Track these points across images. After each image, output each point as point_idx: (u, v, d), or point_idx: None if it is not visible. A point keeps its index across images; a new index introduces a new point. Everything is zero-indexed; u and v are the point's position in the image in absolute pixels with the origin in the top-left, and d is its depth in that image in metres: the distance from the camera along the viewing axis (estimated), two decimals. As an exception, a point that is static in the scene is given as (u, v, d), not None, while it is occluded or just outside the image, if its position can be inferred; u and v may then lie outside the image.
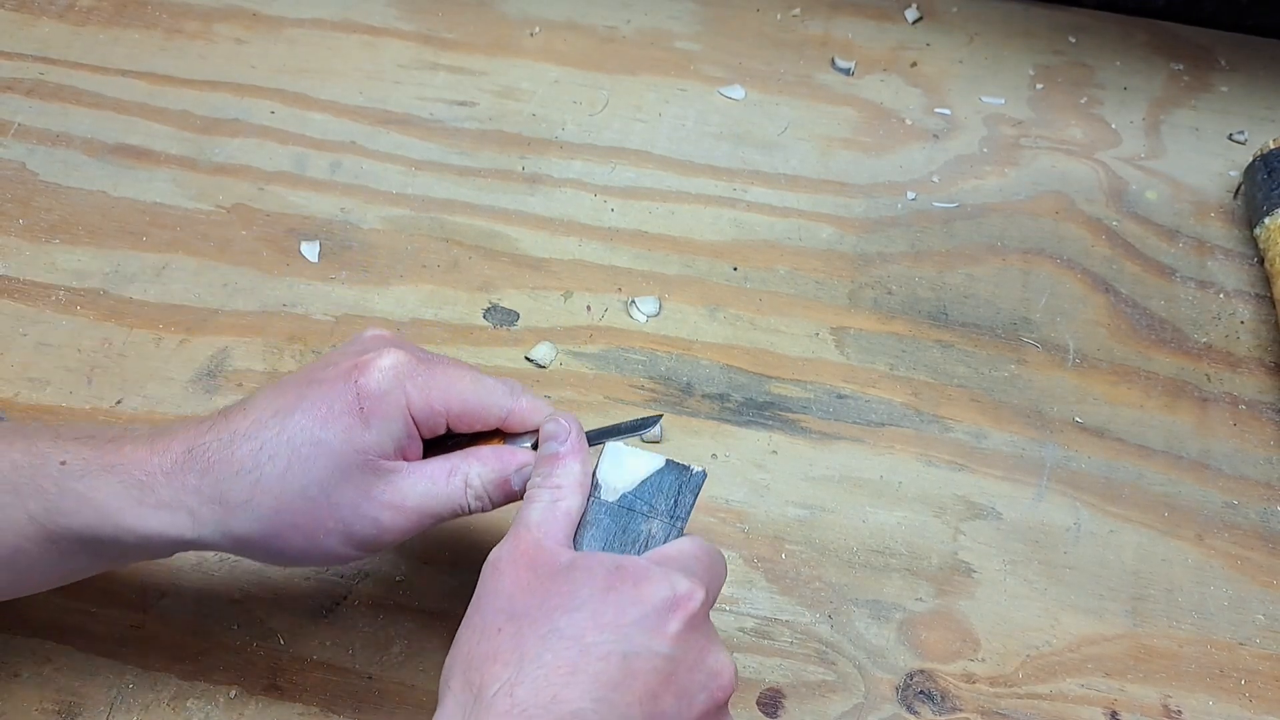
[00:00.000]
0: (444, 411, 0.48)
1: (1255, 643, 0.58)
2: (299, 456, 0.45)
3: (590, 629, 0.41)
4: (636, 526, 0.47)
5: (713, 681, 0.43)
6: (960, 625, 0.58)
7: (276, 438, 0.45)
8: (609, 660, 0.41)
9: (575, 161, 0.75)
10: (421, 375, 0.47)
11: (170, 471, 0.45)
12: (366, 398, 0.46)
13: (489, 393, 0.49)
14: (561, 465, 0.47)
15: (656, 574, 0.43)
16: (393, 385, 0.46)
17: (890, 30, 0.84)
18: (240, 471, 0.45)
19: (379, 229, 0.71)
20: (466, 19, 0.83)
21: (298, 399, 0.46)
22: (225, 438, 0.46)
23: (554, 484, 0.47)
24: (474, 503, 0.48)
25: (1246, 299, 0.71)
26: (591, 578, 0.43)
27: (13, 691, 0.54)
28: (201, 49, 0.80)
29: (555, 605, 0.42)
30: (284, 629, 0.56)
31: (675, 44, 0.82)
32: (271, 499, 0.45)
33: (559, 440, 0.48)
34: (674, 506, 0.47)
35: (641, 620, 0.42)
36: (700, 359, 0.67)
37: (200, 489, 0.45)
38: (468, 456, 0.48)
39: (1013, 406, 0.65)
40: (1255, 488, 0.63)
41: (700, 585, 0.44)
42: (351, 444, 0.45)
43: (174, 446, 0.46)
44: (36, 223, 0.70)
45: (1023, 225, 0.73)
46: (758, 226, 0.73)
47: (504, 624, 0.42)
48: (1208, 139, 0.78)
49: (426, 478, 0.47)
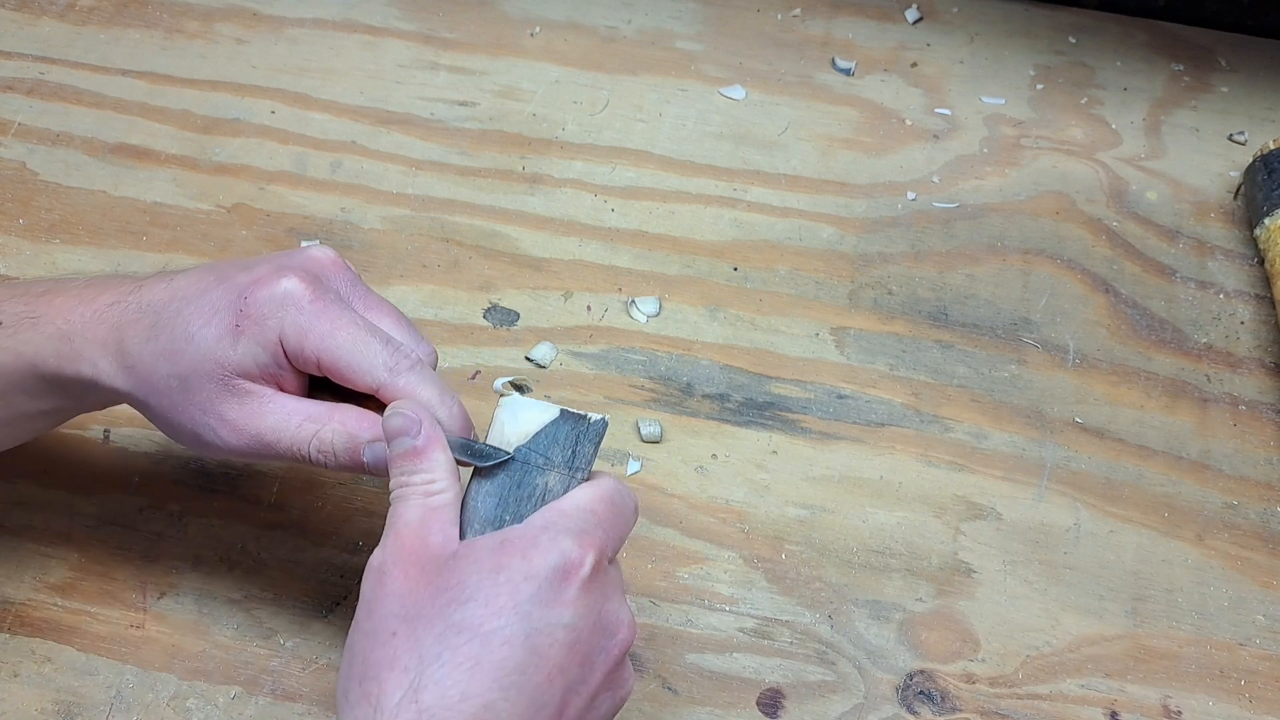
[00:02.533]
0: (314, 359, 0.46)
1: (1255, 643, 0.58)
2: (173, 345, 0.46)
3: (487, 616, 0.41)
4: (532, 480, 0.45)
5: (610, 640, 0.43)
6: (960, 625, 0.58)
7: (169, 321, 0.46)
8: (511, 645, 0.40)
9: (576, 161, 0.75)
10: (305, 314, 0.46)
11: (89, 321, 0.48)
12: (245, 316, 0.46)
13: (364, 359, 0.46)
14: (425, 459, 0.45)
15: (543, 540, 0.42)
16: (273, 314, 0.46)
17: (891, 30, 0.84)
18: (135, 338, 0.47)
19: (379, 229, 0.71)
20: (467, 19, 0.83)
21: (201, 290, 0.47)
22: (140, 303, 0.47)
23: (424, 480, 0.45)
24: (316, 455, 0.46)
25: (1246, 299, 0.71)
26: (479, 563, 0.42)
27: (12, 691, 0.54)
28: (202, 49, 0.80)
29: (447, 600, 0.41)
30: (284, 629, 0.56)
31: (676, 44, 0.82)
32: (145, 371, 0.47)
33: (411, 435, 0.45)
34: (572, 458, 0.46)
35: (536, 595, 0.41)
36: (700, 359, 0.67)
37: (106, 341, 0.47)
38: (333, 410, 0.47)
39: (1013, 406, 0.65)
40: (1255, 488, 0.63)
41: (592, 544, 0.43)
42: (215, 354, 0.46)
43: (100, 298, 0.48)
44: (37, 222, 0.71)
45: (1023, 225, 0.73)
46: (758, 226, 0.73)
47: (398, 627, 0.41)
48: (1208, 139, 0.78)
49: (280, 412, 0.46)
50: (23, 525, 0.58)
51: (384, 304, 0.49)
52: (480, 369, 0.65)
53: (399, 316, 0.49)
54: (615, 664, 0.44)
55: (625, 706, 0.54)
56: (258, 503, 0.60)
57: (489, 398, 0.64)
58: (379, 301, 0.49)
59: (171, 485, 0.60)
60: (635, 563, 0.59)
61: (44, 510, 0.59)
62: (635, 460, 0.62)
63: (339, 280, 0.48)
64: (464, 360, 0.66)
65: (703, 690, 0.55)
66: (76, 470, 0.60)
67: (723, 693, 0.55)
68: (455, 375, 0.65)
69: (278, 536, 0.59)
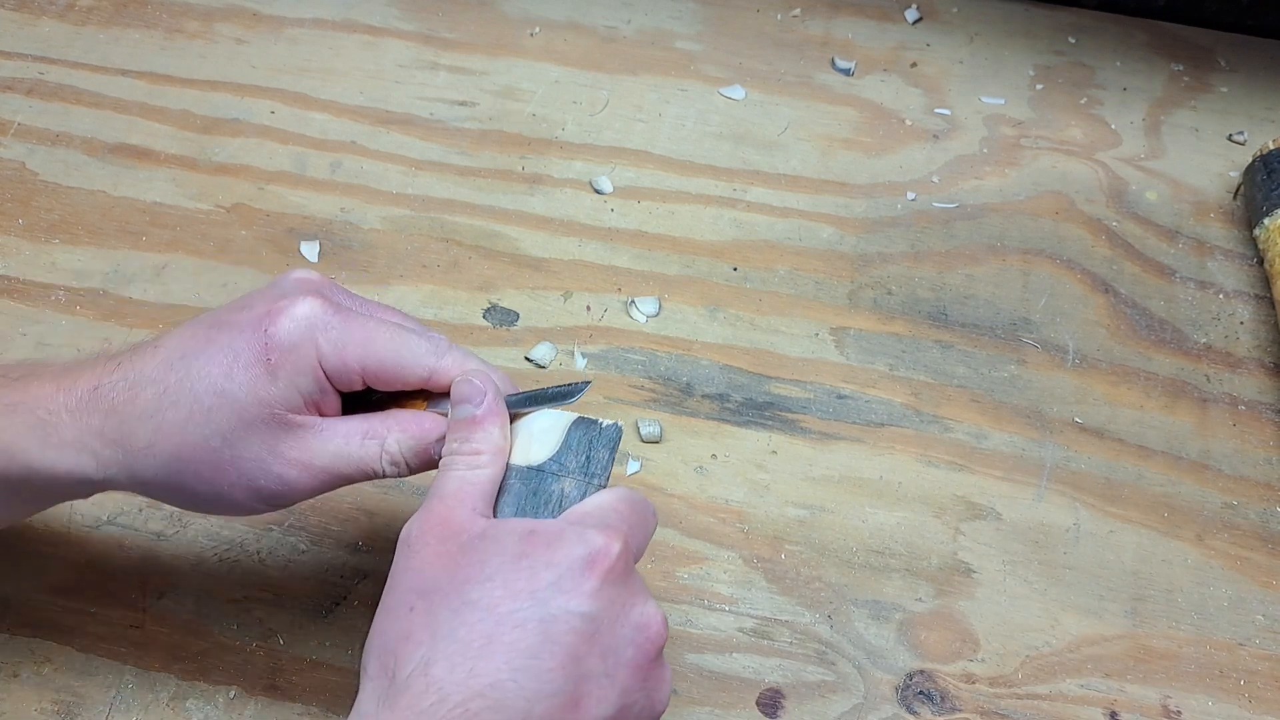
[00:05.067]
0: (359, 369, 0.45)
1: (1255, 643, 0.58)
2: (201, 406, 0.43)
3: (503, 598, 0.40)
4: (548, 487, 0.45)
5: (640, 635, 0.42)
6: (960, 625, 0.58)
7: (180, 384, 0.43)
8: (525, 628, 0.40)
9: (575, 161, 0.75)
10: (336, 328, 0.44)
11: (75, 410, 0.44)
12: (275, 349, 0.43)
13: (410, 351, 0.45)
14: (479, 430, 0.44)
15: (570, 533, 0.42)
16: (303, 337, 0.44)
17: (890, 30, 0.84)
18: (142, 416, 0.43)
19: (379, 229, 0.71)
20: (467, 19, 0.83)
21: (205, 343, 0.44)
22: (131, 378, 0.44)
23: (470, 450, 0.44)
24: (389, 468, 0.46)
25: (1246, 299, 0.71)
26: (502, 546, 0.41)
27: (12, 691, 0.54)
28: (202, 49, 0.80)
29: (466, 577, 0.41)
30: (284, 629, 0.56)
31: (675, 44, 0.82)
32: (172, 446, 0.43)
33: (474, 403, 0.45)
34: (586, 463, 0.45)
35: (557, 582, 0.40)
36: (700, 359, 0.67)
37: (104, 430, 0.44)
38: (387, 419, 0.46)
39: (1013, 407, 0.65)
40: (1255, 488, 0.63)
41: (617, 536, 0.42)
42: (256, 396, 0.43)
43: (80, 384, 0.44)
44: (36, 222, 0.71)
45: (1023, 225, 0.73)
46: (758, 226, 0.73)
47: (415, 601, 0.41)
48: (1208, 139, 0.78)
49: (340, 437, 0.45)
50: (23, 524, 0.58)
51: (382, 305, 0.49)
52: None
53: (400, 312, 0.49)
54: (647, 661, 0.42)
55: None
56: (257, 503, 0.60)
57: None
58: (377, 304, 0.49)
59: (171, 485, 0.60)
60: (635, 563, 0.59)
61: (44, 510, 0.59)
62: (635, 460, 0.62)
63: (336, 294, 0.47)
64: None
65: (703, 690, 0.55)
66: (76, 470, 0.60)
67: (723, 693, 0.55)
68: (455, 375, 0.65)
69: (278, 536, 0.59)
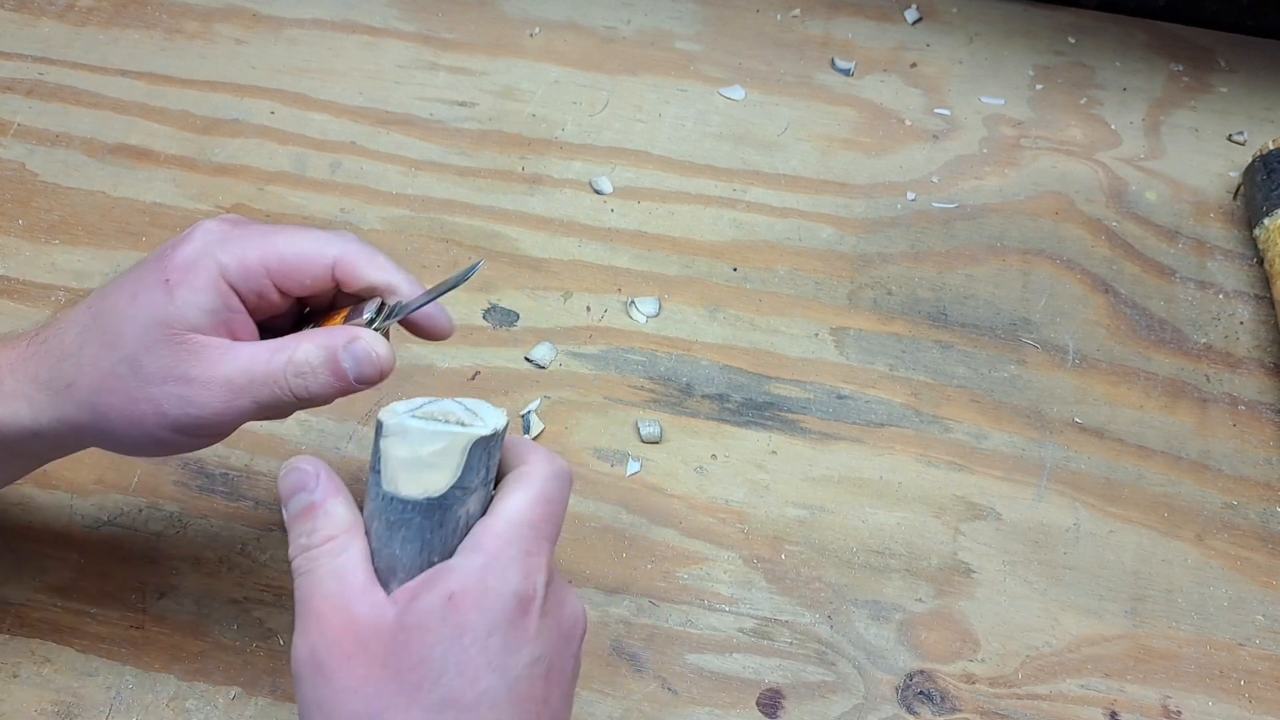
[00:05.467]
0: (262, 270, 0.44)
1: (1255, 643, 0.58)
2: (108, 335, 0.43)
3: (466, 687, 0.38)
4: (454, 515, 0.40)
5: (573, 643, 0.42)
6: (960, 626, 0.58)
7: (95, 319, 0.44)
8: (498, 705, 0.38)
9: (575, 162, 0.75)
10: (235, 239, 0.44)
11: (14, 364, 0.45)
12: (173, 269, 0.43)
13: (309, 242, 0.45)
14: (321, 515, 0.41)
15: (492, 584, 0.39)
16: (201, 253, 0.44)
17: (890, 30, 0.84)
18: (66, 355, 0.44)
19: (379, 229, 0.71)
20: (467, 19, 0.83)
21: (119, 281, 0.45)
22: (63, 324, 0.45)
23: (324, 538, 0.41)
24: (294, 380, 0.43)
25: (1246, 300, 0.71)
26: (434, 633, 0.38)
27: (12, 692, 0.54)
28: (201, 49, 0.80)
29: (416, 682, 0.38)
30: (284, 629, 0.56)
31: (675, 44, 0.82)
32: (90, 380, 0.44)
33: (308, 489, 0.42)
34: (486, 475, 0.41)
35: (505, 645, 0.39)
36: (700, 359, 0.67)
37: (37, 375, 0.45)
38: (300, 336, 0.45)
39: (1013, 407, 0.65)
40: (1255, 488, 0.63)
41: (540, 560, 0.40)
42: (155, 316, 0.43)
43: (22, 340, 0.46)
44: (36, 223, 0.71)
45: (1022, 226, 0.73)
46: (758, 227, 0.73)
47: None
48: (1207, 139, 0.78)
49: (246, 355, 0.44)
50: (23, 525, 0.58)
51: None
52: (480, 370, 0.65)
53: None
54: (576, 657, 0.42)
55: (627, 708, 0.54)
56: (258, 503, 0.60)
57: (490, 398, 0.64)
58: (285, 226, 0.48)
59: (171, 485, 0.60)
60: (635, 563, 0.59)
61: (44, 510, 0.59)
62: (635, 460, 0.62)
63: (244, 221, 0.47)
64: (464, 361, 0.66)
65: (703, 690, 0.55)
66: (76, 470, 0.60)
67: (723, 693, 0.55)
68: (455, 376, 0.65)
69: (278, 536, 0.59)
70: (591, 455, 0.62)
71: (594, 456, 0.62)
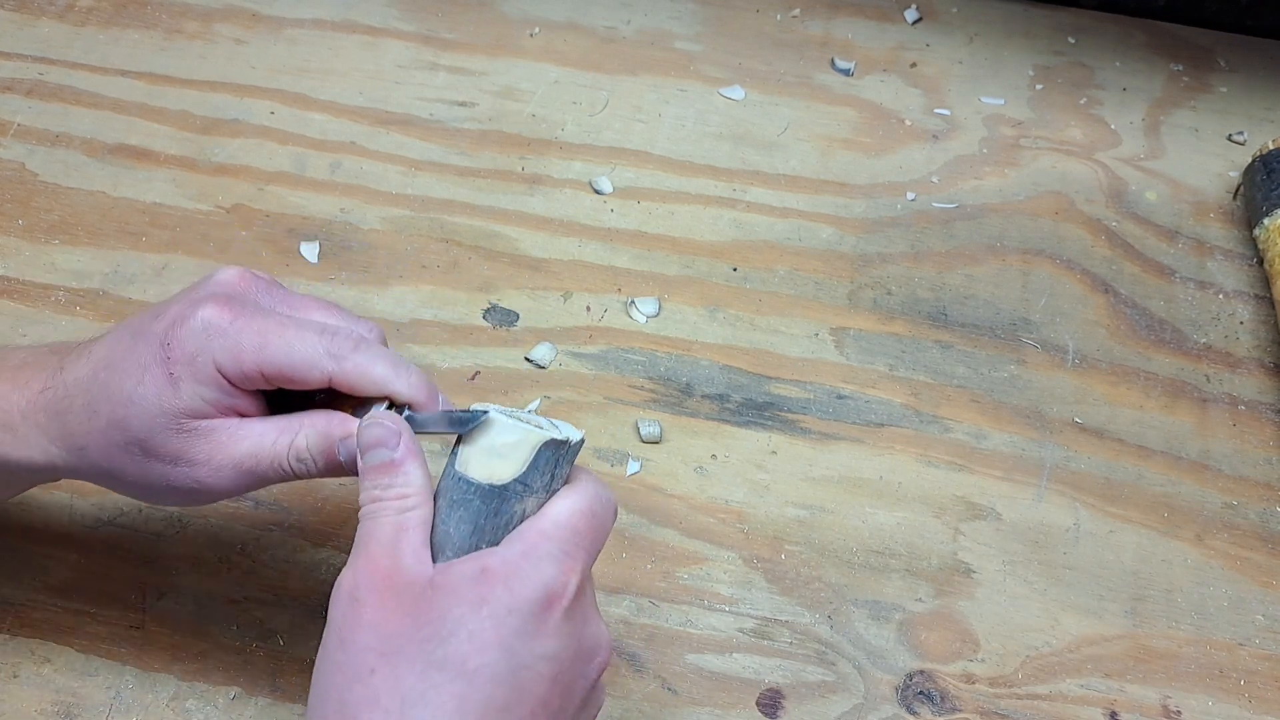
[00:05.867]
0: (256, 374, 0.45)
1: (1255, 643, 0.58)
2: (116, 415, 0.45)
3: (471, 653, 0.39)
4: (510, 508, 0.43)
5: (590, 665, 0.42)
6: (960, 626, 0.58)
7: (100, 393, 0.45)
8: (496, 682, 0.39)
9: (575, 162, 0.75)
10: (229, 335, 0.44)
11: (26, 411, 0.46)
12: (175, 362, 0.44)
13: (302, 355, 0.45)
14: (400, 473, 0.43)
15: (527, 568, 0.41)
16: (200, 347, 0.44)
17: (890, 31, 0.84)
18: (75, 422, 0.45)
19: (379, 229, 0.71)
20: (466, 19, 0.83)
21: (124, 353, 0.45)
22: (68, 384, 0.46)
23: (397, 495, 0.43)
24: (295, 464, 0.45)
25: (1246, 299, 0.71)
26: (459, 595, 0.40)
27: (11, 692, 0.54)
28: (201, 49, 0.80)
29: (428, 635, 0.40)
30: (284, 629, 0.56)
31: (675, 44, 0.82)
32: (99, 450, 0.45)
33: (389, 445, 0.43)
34: (550, 481, 0.43)
35: (521, 628, 0.40)
36: (700, 359, 0.67)
37: (48, 429, 0.46)
38: (304, 417, 0.46)
39: (1012, 407, 0.65)
40: (1255, 488, 0.63)
41: (574, 567, 0.42)
42: (161, 407, 0.44)
43: (33, 384, 0.46)
44: (36, 223, 0.70)
45: (1022, 226, 0.73)
46: (757, 227, 0.73)
47: (376, 663, 0.40)
48: (1207, 139, 0.78)
49: (253, 436, 0.45)
50: (23, 525, 0.58)
51: (310, 299, 0.48)
52: (480, 370, 0.65)
53: (328, 305, 0.48)
54: (593, 686, 0.43)
55: (626, 708, 0.54)
56: (257, 503, 0.60)
57: (488, 400, 0.64)
58: (304, 299, 0.48)
59: (171, 486, 0.60)
60: (635, 563, 0.59)
61: (44, 510, 0.59)
62: (635, 460, 0.62)
63: (255, 292, 0.47)
64: (463, 361, 0.66)
65: (703, 690, 0.55)
66: (76, 471, 0.60)
67: (723, 693, 0.55)
68: (455, 376, 0.65)
69: (278, 536, 0.59)
70: (591, 455, 0.62)
71: (594, 456, 0.62)
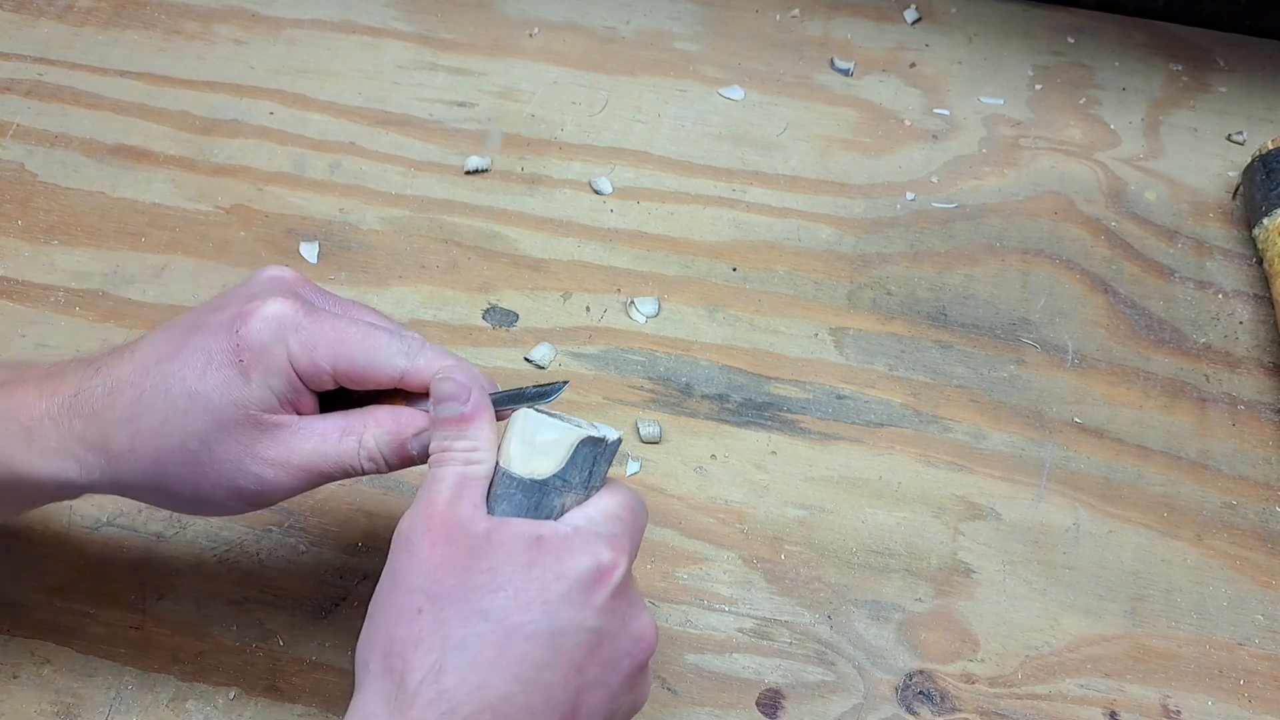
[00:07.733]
0: (329, 369, 0.44)
1: (1254, 643, 0.58)
2: (176, 409, 0.43)
3: (515, 609, 0.40)
4: (550, 501, 0.44)
5: (636, 646, 0.43)
6: (960, 626, 0.58)
7: (155, 388, 0.43)
8: (535, 640, 0.40)
9: (574, 162, 0.75)
10: (306, 329, 0.44)
11: (57, 417, 0.44)
12: (246, 350, 0.43)
13: (380, 351, 0.45)
14: (471, 426, 0.44)
15: (578, 543, 0.42)
16: (274, 338, 0.44)
17: (889, 31, 0.84)
18: (120, 421, 0.44)
19: (378, 229, 0.71)
20: (466, 19, 0.83)
21: (180, 346, 0.44)
22: (109, 383, 0.44)
23: (465, 446, 0.44)
24: (367, 464, 0.45)
25: (1245, 299, 0.71)
26: (511, 552, 0.41)
27: (11, 693, 0.54)
28: (201, 49, 0.80)
29: (477, 584, 0.41)
30: (283, 630, 0.56)
31: (675, 44, 0.82)
32: (151, 450, 0.44)
33: (460, 400, 0.44)
34: (588, 478, 0.45)
35: (566, 595, 0.41)
36: (700, 359, 0.67)
37: (85, 436, 0.44)
38: (365, 416, 0.46)
39: (1012, 407, 0.65)
40: (1254, 488, 0.63)
41: (623, 550, 0.43)
42: (230, 398, 0.43)
43: (62, 390, 0.45)
44: (36, 223, 0.70)
45: (1022, 226, 0.73)
46: (757, 227, 0.73)
47: (424, 604, 0.41)
48: (1206, 139, 0.78)
49: (317, 435, 0.45)
50: (23, 525, 0.58)
51: (357, 304, 0.49)
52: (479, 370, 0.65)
53: (376, 311, 0.49)
54: (638, 669, 0.44)
55: (625, 707, 0.54)
56: (257, 503, 0.60)
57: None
58: (351, 303, 0.48)
59: (171, 486, 0.60)
60: (635, 563, 0.59)
61: (44, 510, 0.59)
62: (635, 460, 0.62)
63: (309, 292, 0.47)
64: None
65: (702, 690, 0.55)
66: (76, 471, 0.60)
67: (722, 693, 0.55)
68: (454, 376, 0.65)
69: (277, 537, 0.59)
70: (591, 455, 0.62)
71: (594, 457, 0.62)
